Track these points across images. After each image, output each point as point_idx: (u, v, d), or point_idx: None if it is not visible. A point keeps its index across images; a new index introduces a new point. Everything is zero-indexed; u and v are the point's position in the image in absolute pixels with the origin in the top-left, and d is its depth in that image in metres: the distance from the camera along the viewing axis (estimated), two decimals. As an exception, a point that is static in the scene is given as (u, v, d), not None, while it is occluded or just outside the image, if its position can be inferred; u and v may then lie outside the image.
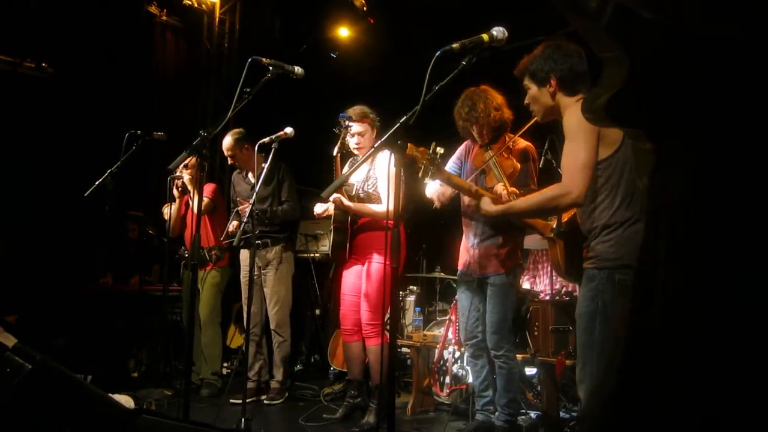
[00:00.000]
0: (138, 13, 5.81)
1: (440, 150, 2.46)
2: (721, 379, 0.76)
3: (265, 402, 3.99)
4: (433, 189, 3.17)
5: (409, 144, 2.33)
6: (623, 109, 0.84)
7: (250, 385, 4.10)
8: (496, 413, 3.15)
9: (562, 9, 0.96)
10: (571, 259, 2.43)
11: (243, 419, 2.97)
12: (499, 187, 2.75)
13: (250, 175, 4.17)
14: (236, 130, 4.12)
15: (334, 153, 3.55)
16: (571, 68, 2.23)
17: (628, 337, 0.89)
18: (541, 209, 2.36)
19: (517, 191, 2.76)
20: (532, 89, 2.33)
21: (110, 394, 1.96)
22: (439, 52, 1.82)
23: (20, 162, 4.80)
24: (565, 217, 2.49)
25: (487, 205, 2.44)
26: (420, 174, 2.44)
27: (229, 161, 4.18)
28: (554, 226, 2.49)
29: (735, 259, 0.76)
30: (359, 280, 3.57)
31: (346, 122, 3.51)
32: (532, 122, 2.63)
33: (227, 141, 4.09)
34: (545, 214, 2.49)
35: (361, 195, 3.57)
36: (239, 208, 3.99)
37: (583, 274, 2.30)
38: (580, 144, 2.13)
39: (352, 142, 3.55)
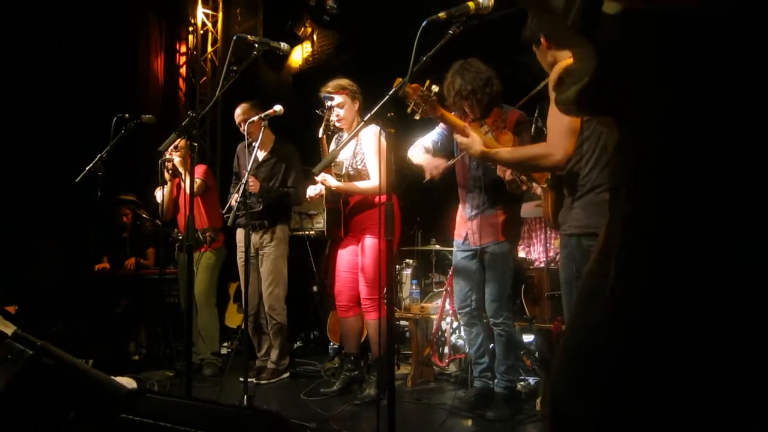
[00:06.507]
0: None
1: (435, 88, 2.38)
2: (669, 355, 0.80)
3: (255, 382, 3.92)
4: (424, 159, 3.05)
5: (398, 79, 2.20)
6: (590, 100, 0.89)
7: (259, 364, 4.12)
8: (496, 380, 3.20)
9: (529, 6, 1.00)
10: (559, 211, 2.50)
11: (245, 396, 3.01)
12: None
13: (257, 148, 4.12)
14: (253, 101, 4.05)
15: (320, 134, 3.52)
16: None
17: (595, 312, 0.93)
18: (523, 164, 2.47)
19: None
20: (536, 52, 2.36)
21: (112, 377, 1.97)
22: (425, 22, 1.81)
23: (9, 150, 4.74)
24: None
25: (476, 144, 2.49)
26: (409, 110, 2.36)
27: (241, 128, 3.95)
28: (549, 176, 2.53)
29: (681, 241, 0.80)
30: (355, 257, 3.57)
31: (328, 102, 3.46)
32: (531, 94, 2.65)
33: (243, 107, 4.03)
34: (526, 170, 2.56)
35: (351, 172, 3.54)
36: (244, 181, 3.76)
37: None
38: None
39: (332, 115, 3.51)
